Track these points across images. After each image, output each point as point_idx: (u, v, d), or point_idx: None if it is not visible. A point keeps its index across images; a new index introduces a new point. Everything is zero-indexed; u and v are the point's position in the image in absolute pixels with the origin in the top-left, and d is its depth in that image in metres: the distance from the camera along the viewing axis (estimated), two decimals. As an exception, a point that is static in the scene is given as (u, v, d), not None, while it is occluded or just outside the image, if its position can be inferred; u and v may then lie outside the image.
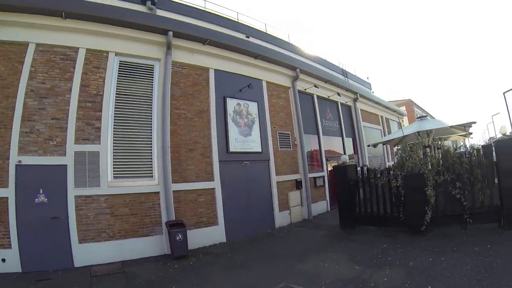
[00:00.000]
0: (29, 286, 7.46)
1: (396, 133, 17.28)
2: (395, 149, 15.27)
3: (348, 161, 13.03)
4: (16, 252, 8.44)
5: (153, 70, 10.92)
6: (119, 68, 10.38)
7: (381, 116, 26.36)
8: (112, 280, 7.87)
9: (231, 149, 12.16)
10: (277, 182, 13.64)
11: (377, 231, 10.39)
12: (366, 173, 11.39)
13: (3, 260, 8.34)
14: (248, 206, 12.32)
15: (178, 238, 9.36)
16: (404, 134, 12.75)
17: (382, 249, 8.42)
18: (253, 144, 13.01)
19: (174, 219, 10.04)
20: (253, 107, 13.32)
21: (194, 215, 10.84)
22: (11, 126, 8.80)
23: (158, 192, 10.12)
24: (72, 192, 9.04)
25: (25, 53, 9.22)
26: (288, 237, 11.59)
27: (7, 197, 8.49)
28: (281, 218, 13.53)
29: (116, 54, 10.32)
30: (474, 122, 12.22)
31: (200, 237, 10.56)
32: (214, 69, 12.33)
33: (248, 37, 14.28)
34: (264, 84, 14.20)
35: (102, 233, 9.29)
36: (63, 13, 9.31)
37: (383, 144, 20.70)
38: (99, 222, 9.27)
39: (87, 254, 8.95)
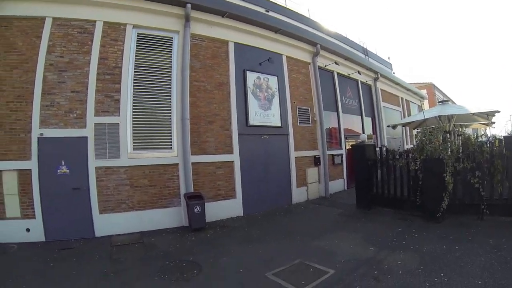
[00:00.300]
0: (52, 255, 7.61)
1: (416, 116, 16.91)
2: (414, 132, 14.99)
3: (367, 140, 12.82)
4: (40, 222, 8.70)
5: (171, 42, 10.79)
6: (137, 41, 10.29)
7: (402, 98, 25.79)
8: (131, 250, 8.00)
9: (251, 122, 12.05)
10: (295, 157, 13.53)
11: (392, 213, 10.24)
12: (385, 153, 11.15)
13: (28, 230, 8.61)
14: (266, 181, 12.29)
15: (196, 210, 9.40)
16: (426, 117, 12.38)
17: (397, 232, 8.32)
18: (273, 118, 12.85)
19: (193, 191, 10.08)
20: (273, 81, 13.11)
21: (212, 187, 10.87)
22: (31, 100, 8.94)
23: (177, 164, 10.17)
24: (93, 163, 9.18)
25: (42, 27, 9.27)
26: (305, 214, 11.53)
27: (30, 169, 8.71)
28: (298, 194, 13.48)
29: (134, 26, 10.22)
30: (498, 111, 11.94)
31: (218, 210, 10.61)
32: (234, 42, 12.13)
33: (268, 11, 13.94)
34: (284, 58, 13.92)
35: (122, 204, 9.44)
36: (79, -15, 9.20)
37: (403, 126, 20.45)
38: (119, 193, 9.41)
39: (107, 224, 9.16)
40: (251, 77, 12.41)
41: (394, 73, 26.38)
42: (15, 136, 8.81)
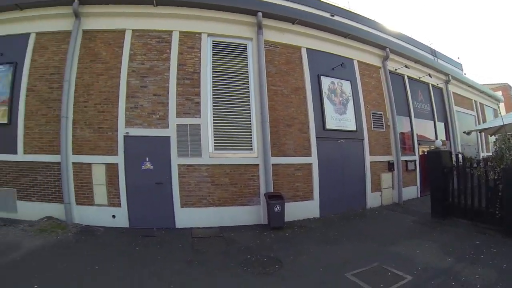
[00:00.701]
0: (137, 240, 8.34)
1: (494, 121, 15.87)
2: (492, 138, 14.01)
3: (441, 146, 12.17)
4: (125, 210, 9.60)
5: (246, 48, 11.13)
6: (213, 48, 10.74)
7: (475, 101, 23.95)
8: (212, 242, 8.41)
9: (327, 126, 11.96)
10: (370, 162, 13.14)
11: (469, 225, 9.54)
12: (462, 161, 10.45)
13: (113, 216, 9.59)
14: (342, 184, 12.04)
15: (276, 209, 9.49)
16: (504, 123, 11.47)
17: (475, 246, 7.76)
18: (348, 122, 12.66)
19: (272, 191, 10.17)
20: (346, 85, 12.97)
21: (291, 188, 10.87)
22: (117, 103, 9.85)
23: (257, 165, 10.37)
24: (176, 161, 9.74)
25: (123, 38, 10.24)
26: (379, 219, 11.27)
27: (117, 163, 9.62)
28: (372, 199, 13.08)
29: (209, 35, 10.71)
30: None
31: (295, 211, 10.56)
32: (306, 48, 12.16)
33: (333, 16, 13.89)
34: (356, 63, 13.70)
35: (203, 199, 9.89)
36: (154, 0, 10.02)
37: (479, 132, 19.17)
38: (200, 190, 9.89)
39: (188, 217, 9.73)
40: (325, 82, 12.37)
41: (465, 74, 24.80)
42: (103, 134, 9.81)
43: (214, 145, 10.10)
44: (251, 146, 10.47)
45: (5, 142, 10.39)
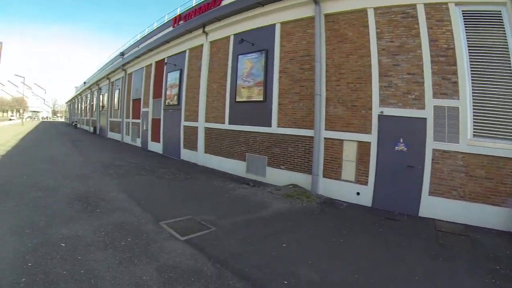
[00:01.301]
0: (379, 221, 8.76)
1: None
2: None
3: None
4: (371, 189, 10.10)
5: (501, 16, 9.20)
6: (463, 19, 9.50)
7: None
8: (457, 240, 7.70)
9: None
10: None
11: None
12: None
13: (358, 193, 10.27)
14: None
15: None
16: None
17: None
18: None
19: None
20: None
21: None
22: (370, 81, 10.19)
23: (520, 158, 8.86)
24: (431, 145, 9.38)
25: (366, 17, 10.41)
26: None
27: (370, 142, 10.11)
28: None
29: (456, 4, 9.48)
30: None
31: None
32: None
33: None
34: None
35: (453, 190, 9.17)
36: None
37: None
38: (452, 179, 9.17)
39: (433, 207, 9.31)
40: None
41: None
42: (356, 112, 10.40)
43: (473, 132, 9.07)
44: (513, 136, 8.99)
45: (261, 116, 12.54)
